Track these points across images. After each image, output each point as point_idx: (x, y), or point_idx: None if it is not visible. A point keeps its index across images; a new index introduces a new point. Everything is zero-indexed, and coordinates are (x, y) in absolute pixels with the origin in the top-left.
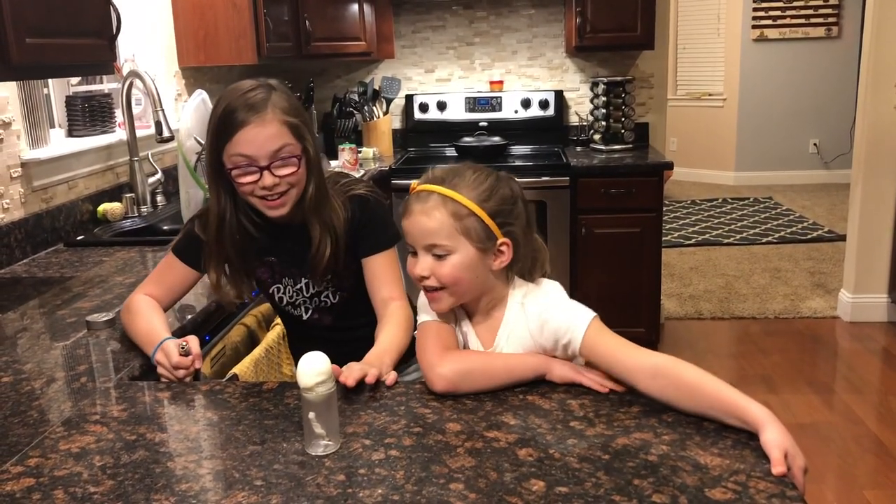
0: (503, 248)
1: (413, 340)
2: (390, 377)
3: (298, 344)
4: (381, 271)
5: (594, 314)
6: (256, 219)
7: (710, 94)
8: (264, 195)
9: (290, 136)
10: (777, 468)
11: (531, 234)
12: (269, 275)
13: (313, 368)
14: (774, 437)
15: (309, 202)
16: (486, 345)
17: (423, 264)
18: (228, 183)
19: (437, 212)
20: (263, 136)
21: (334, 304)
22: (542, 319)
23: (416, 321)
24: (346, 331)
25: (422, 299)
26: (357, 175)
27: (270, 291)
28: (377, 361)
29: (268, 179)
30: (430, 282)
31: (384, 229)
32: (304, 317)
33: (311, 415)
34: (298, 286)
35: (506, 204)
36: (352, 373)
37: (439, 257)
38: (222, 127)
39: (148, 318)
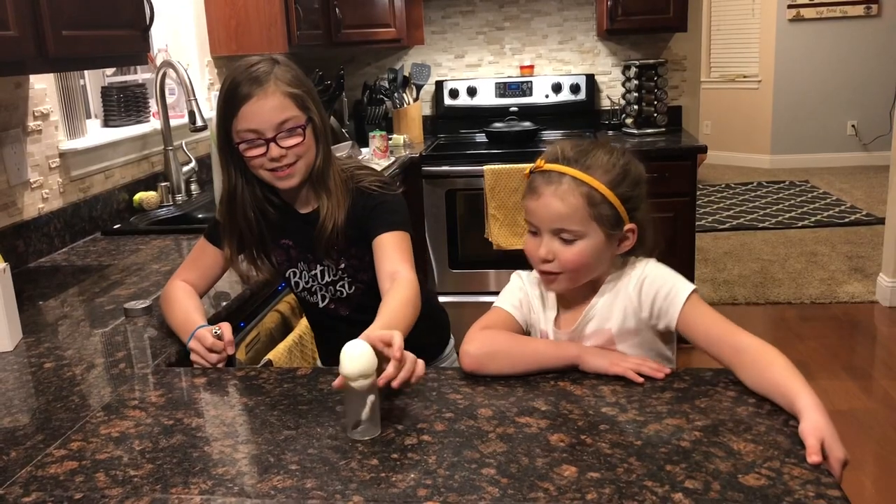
0: (629, 233)
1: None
2: (418, 370)
3: (319, 332)
4: (389, 247)
5: (693, 287)
6: (273, 198)
7: (744, 76)
8: (273, 167)
9: (293, 107)
10: (812, 457)
11: (650, 215)
12: (284, 257)
13: (356, 357)
14: (813, 425)
15: (316, 171)
16: (568, 324)
17: (547, 247)
18: (239, 159)
19: (571, 196)
20: (267, 108)
21: (350, 295)
22: (643, 277)
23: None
24: (364, 324)
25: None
26: (387, 162)
27: (287, 275)
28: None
29: (274, 151)
30: (551, 266)
31: (394, 214)
32: (321, 304)
33: (354, 402)
34: (314, 272)
35: (636, 188)
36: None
37: (565, 241)
38: (227, 103)
39: (184, 306)
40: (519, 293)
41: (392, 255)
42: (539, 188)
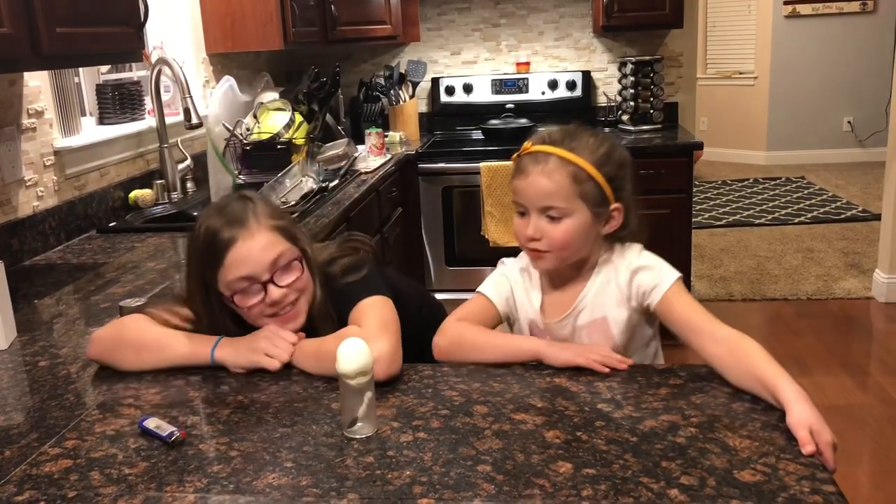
0: (615, 213)
1: None
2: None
3: None
4: (365, 312)
5: (679, 274)
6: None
7: (740, 73)
8: (274, 312)
9: (283, 240)
10: (806, 448)
11: (636, 199)
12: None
13: (354, 355)
14: (798, 417)
15: (319, 307)
16: (558, 311)
17: (535, 225)
18: (222, 305)
19: (556, 174)
20: (257, 248)
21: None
22: (633, 268)
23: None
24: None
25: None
26: (384, 160)
27: None
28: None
29: (274, 293)
30: (539, 244)
31: (366, 289)
32: None
33: (351, 400)
34: None
35: (621, 169)
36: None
37: (552, 219)
38: (209, 252)
39: (154, 333)
40: (503, 281)
41: (368, 320)
42: (526, 168)
